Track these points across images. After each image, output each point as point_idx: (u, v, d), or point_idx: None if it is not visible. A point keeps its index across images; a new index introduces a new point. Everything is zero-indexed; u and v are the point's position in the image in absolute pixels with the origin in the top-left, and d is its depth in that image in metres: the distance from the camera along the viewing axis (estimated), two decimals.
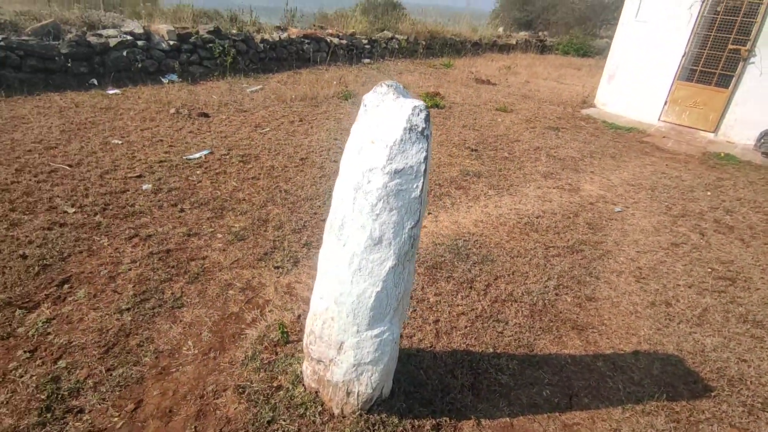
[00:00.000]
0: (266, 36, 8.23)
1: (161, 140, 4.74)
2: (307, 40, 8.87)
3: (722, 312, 3.02)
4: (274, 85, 7.37)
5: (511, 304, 2.82)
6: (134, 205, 3.45)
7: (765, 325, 2.93)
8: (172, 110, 5.65)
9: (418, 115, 1.39)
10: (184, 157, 4.41)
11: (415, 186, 1.45)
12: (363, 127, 1.52)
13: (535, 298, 2.91)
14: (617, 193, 4.84)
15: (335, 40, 9.42)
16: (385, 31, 10.89)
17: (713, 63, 7.05)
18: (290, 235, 3.31)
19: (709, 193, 5.08)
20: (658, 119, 7.73)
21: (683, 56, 7.23)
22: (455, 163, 5.09)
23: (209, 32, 7.42)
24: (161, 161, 4.26)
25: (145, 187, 3.73)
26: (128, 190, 3.65)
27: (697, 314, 2.96)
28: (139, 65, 6.61)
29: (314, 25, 9.77)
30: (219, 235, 3.21)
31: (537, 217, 4.08)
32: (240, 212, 3.56)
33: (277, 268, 2.92)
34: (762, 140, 6.75)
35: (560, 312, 2.83)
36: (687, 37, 7.14)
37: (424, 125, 1.39)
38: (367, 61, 10.00)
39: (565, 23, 22.85)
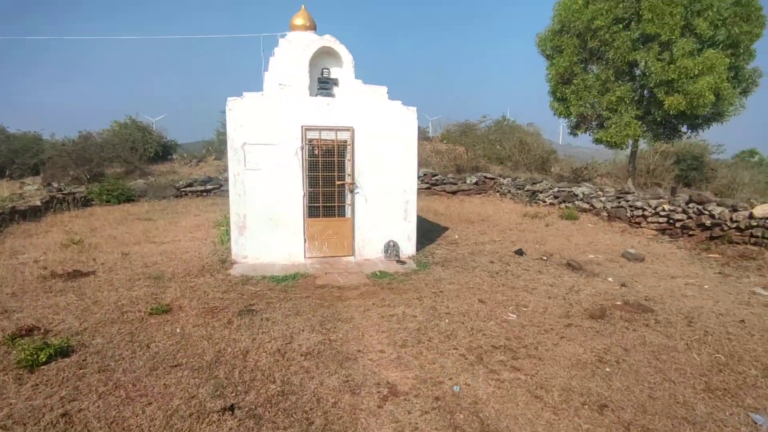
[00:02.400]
0: None
1: None
2: None
3: None
4: None
5: None
6: None
7: None
8: None
9: None
10: None
11: None
12: None
13: None
14: (421, 369, 4.16)
15: None
16: None
17: (331, 197, 7.69)
18: None
19: (446, 321, 5.28)
20: (305, 257, 7.65)
21: (303, 196, 7.48)
22: None
23: None
24: None
25: None
26: None
27: None
28: None
29: None
30: None
31: None
32: None
33: None
34: (388, 251, 7.92)
35: None
36: (301, 179, 7.44)
37: None
38: None
39: (61, 167, 19.72)
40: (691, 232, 9.74)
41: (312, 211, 7.67)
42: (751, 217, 8.72)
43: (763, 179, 26.74)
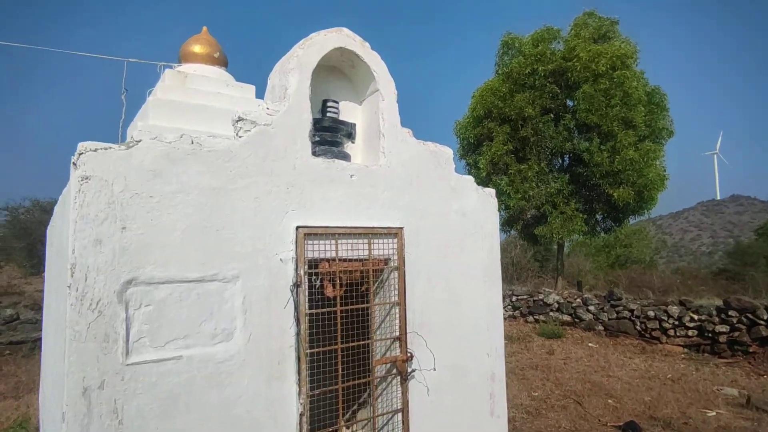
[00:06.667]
0: None
1: None
2: None
3: None
4: None
5: None
6: None
7: None
8: None
9: None
10: None
11: None
12: None
13: None
14: None
15: None
16: None
17: (354, 396, 3.09)
18: None
19: None
20: None
21: (301, 415, 2.77)
22: None
23: None
24: None
25: None
26: None
27: None
28: None
29: None
30: None
31: None
32: None
33: None
34: None
35: None
36: (294, 366, 2.76)
37: None
38: None
39: None
40: (749, 349, 7.66)
41: None
42: None
43: (596, 265, 29.53)
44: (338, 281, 2.98)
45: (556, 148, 12.81)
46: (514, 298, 11.71)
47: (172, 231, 2.45)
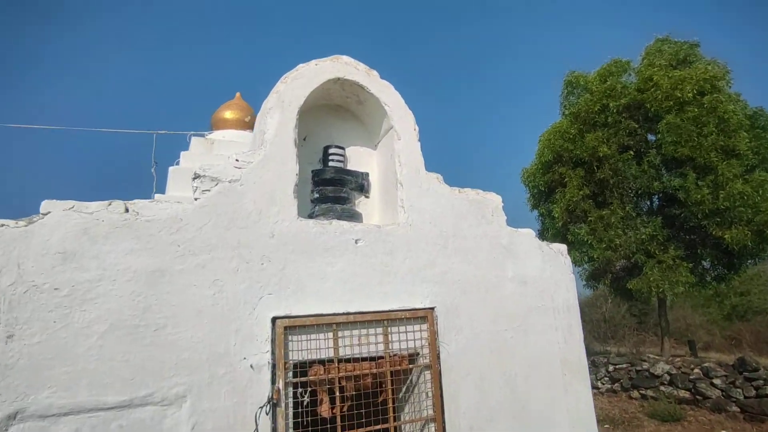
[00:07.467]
0: None
1: None
2: None
3: None
4: None
5: None
6: None
7: None
8: None
9: None
10: None
11: None
12: None
13: None
14: None
15: None
16: None
17: None
18: None
19: None
20: None
21: None
22: None
23: None
24: None
25: None
26: None
27: None
28: None
29: None
30: None
31: None
32: None
33: None
34: None
35: None
36: None
37: None
38: None
39: None
40: None
41: None
42: None
43: (708, 318, 25.12)
44: (338, 393, 2.07)
45: (642, 189, 11.11)
46: (611, 368, 9.76)
47: (85, 336, 1.73)
